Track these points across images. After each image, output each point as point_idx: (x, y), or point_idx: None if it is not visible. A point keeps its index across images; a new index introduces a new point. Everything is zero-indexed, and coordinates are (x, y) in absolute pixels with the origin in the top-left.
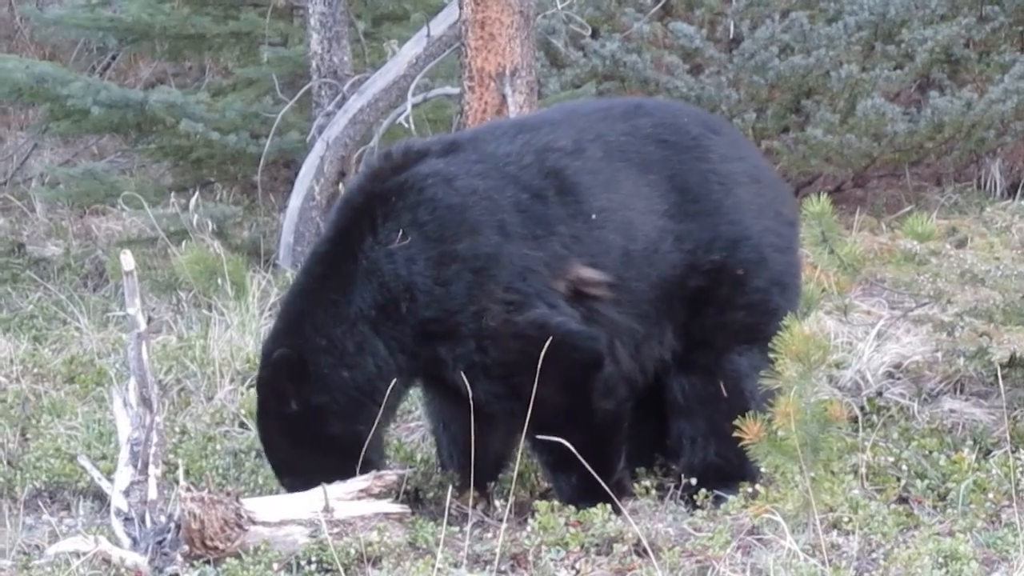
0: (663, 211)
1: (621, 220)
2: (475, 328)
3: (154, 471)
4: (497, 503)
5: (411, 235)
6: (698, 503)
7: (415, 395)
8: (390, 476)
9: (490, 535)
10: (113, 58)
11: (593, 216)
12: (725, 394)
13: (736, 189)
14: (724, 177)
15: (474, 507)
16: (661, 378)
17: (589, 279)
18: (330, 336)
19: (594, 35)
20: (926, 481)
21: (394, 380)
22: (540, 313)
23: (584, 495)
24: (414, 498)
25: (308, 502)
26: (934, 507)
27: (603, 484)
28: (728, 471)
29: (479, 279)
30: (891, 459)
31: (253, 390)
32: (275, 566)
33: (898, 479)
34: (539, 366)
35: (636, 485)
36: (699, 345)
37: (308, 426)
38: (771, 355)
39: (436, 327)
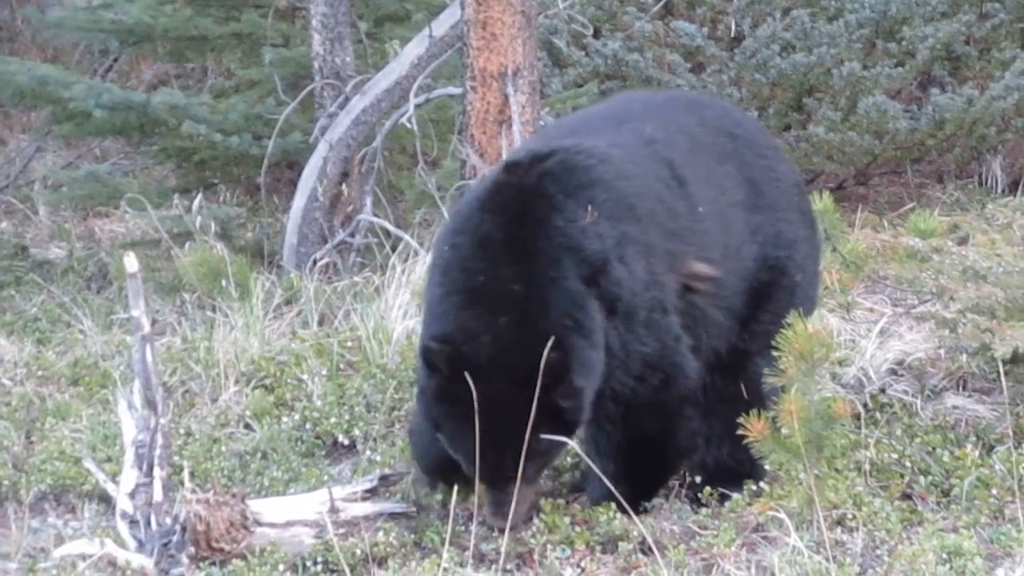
0: (740, 202)
1: (718, 213)
2: (646, 317)
3: (159, 473)
4: None
5: (594, 212)
6: (703, 501)
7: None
8: (395, 476)
9: (496, 534)
10: (115, 60)
11: (700, 209)
12: (745, 396)
13: (788, 191)
14: (780, 176)
15: (479, 507)
16: None
17: (701, 274)
18: (573, 316)
19: (596, 34)
20: (930, 477)
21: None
22: (674, 322)
23: (632, 508)
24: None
25: (314, 503)
26: (938, 503)
27: (645, 502)
28: (738, 472)
29: (649, 266)
30: (895, 456)
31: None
32: (281, 567)
33: (902, 476)
34: (659, 378)
35: None
36: (734, 346)
37: (569, 414)
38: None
39: (620, 307)
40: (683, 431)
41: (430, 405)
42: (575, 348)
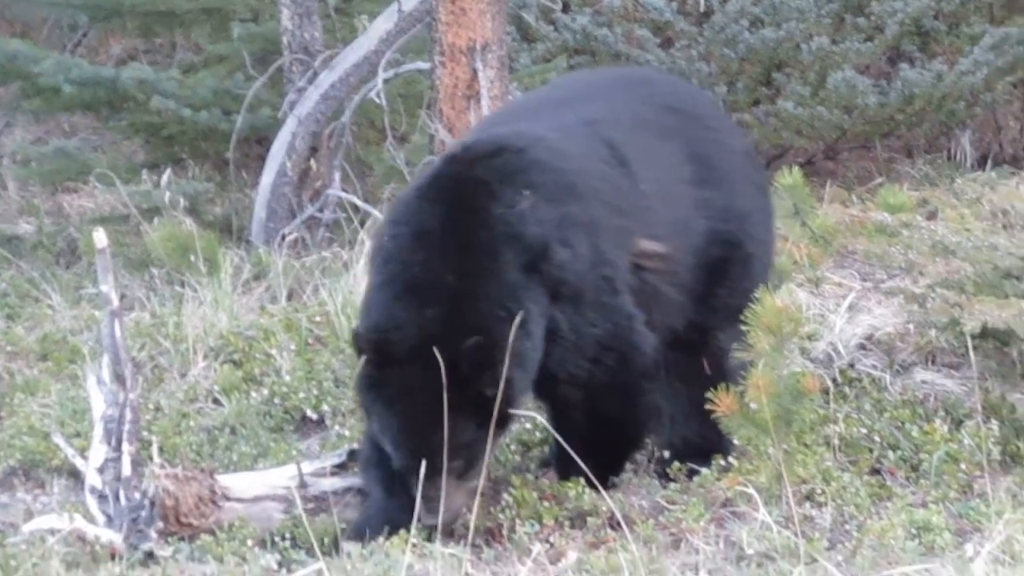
0: (687, 179)
1: (663, 190)
2: (594, 298)
3: (128, 448)
4: None
5: (532, 196)
6: (671, 476)
7: None
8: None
9: (464, 509)
10: (84, 35)
11: (643, 187)
12: (708, 372)
13: (738, 161)
14: (729, 148)
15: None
16: None
17: (650, 251)
18: (506, 306)
19: (565, 9)
20: (899, 452)
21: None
22: (626, 301)
23: (601, 484)
24: None
25: (283, 478)
26: (907, 478)
27: (614, 477)
28: (706, 449)
29: (594, 245)
30: (864, 431)
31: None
32: (250, 542)
33: (871, 450)
34: (615, 359)
35: None
36: (691, 323)
37: (499, 405)
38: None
39: (566, 290)
40: (644, 406)
41: (361, 392)
42: (505, 338)
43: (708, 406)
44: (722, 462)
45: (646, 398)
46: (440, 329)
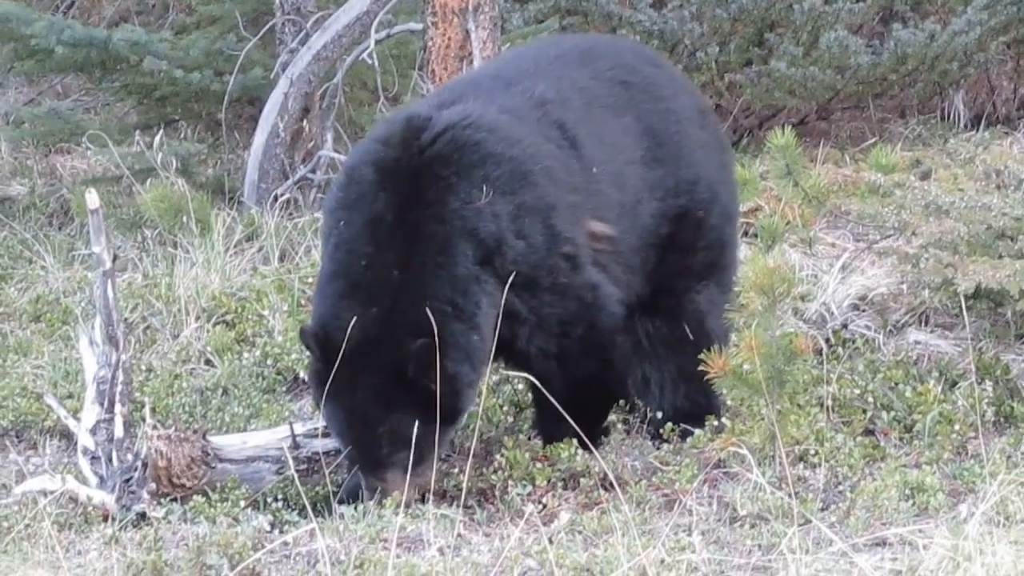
0: (639, 158)
1: (613, 171)
2: (550, 283)
3: (120, 409)
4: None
5: (489, 191)
6: (664, 437)
7: None
8: None
9: (456, 471)
10: None
11: (594, 169)
12: (691, 336)
13: (688, 127)
14: (678, 115)
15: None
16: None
17: (599, 233)
18: (453, 302)
19: None
20: (892, 413)
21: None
22: (591, 273)
23: (591, 440)
24: None
25: (275, 439)
26: (900, 439)
27: (599, 432)
28: (697, 412)
29: (550, 231)
30: (857, 391)
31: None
32: (242, 503)
33: (864, 411)
34: (583, 328)
35: None
36: (662, 290)
37: (445, 400)
38: (728, 288)
39: (520, 279)
40: (619, 358)
41: (312, 386)
42: (451, 334)
43: (695, 372)
44: (715, 423)
45: (620, 351)
46: (384, 328)
